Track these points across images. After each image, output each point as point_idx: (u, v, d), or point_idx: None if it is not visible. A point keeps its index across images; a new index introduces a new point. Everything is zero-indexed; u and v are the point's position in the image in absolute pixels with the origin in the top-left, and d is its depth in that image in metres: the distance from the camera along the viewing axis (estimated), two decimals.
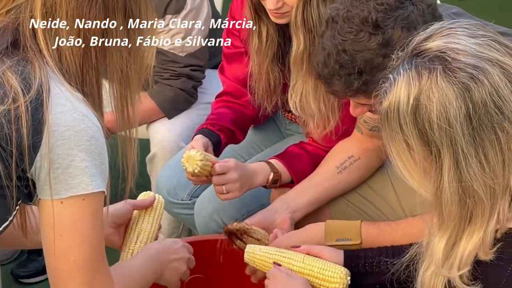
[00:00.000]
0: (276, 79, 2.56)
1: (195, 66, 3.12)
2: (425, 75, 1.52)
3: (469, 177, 1.50)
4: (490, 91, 1.49)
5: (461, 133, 1.49)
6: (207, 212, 2.69)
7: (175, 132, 3.10)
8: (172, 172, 2.84)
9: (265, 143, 2.88)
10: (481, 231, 1.53)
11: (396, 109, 1.54)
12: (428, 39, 1.57)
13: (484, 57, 1.52)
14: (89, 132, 1.64)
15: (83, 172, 1.63)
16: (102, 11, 1.70)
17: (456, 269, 1.55)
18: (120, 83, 1.75)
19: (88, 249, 1.66)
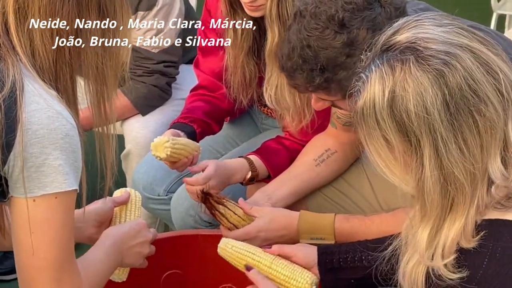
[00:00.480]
0: (251, 72, 2.56)
1: (169, 62, 3.11)
2: (398, 67, 1.52)
3: (449, 164, 1.51)
4: (464, 75, 1.50)
5: (439, 119, 1.49)
6: (184, 207, 2.68)
7: (149, 129, 3.09)
8: (148, 167, 2.83)
9: (241, 138, 2.88)
10: (462, 218, 1.53)
11: (372, 105, 1.54)
12: (396, 33, 1.57)
13: (454, 43, 1.53)
14: (64, 130, 1.63)
15: (56, 170, 1.62)
16: (75, 8, 1.68)
17: (440, 258, 1.55)
18: (96, 80, 1.74)
19: (58, 247, 1.66)
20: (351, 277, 2.02)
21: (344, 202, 2.47)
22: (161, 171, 2.80)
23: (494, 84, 1.51)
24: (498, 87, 1.52)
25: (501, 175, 1.52)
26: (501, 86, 1.52)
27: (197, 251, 2.37)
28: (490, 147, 1.52)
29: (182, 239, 2.37)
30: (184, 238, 2.39)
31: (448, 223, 1.55)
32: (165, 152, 2.34)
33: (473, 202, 1.53)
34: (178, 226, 2.71)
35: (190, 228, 2.65)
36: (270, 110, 2.74)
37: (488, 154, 1.52)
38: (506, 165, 1.53)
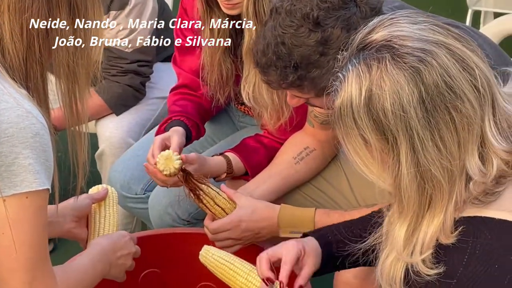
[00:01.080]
0: (228, 70, 2.55)
1: (143, 61, 3.09)
2: (375, 65, 1.52)
3: (426, 161, 1.51)
4: (440, 72, 1.50)
5: (415, 117, 1.49)
6: (161, 205, 2.67)
7: (123, 129, 3.07)
8: (125, 166, 2.82)
9: (219, 136, 2.87)
10: (441, 215, 1.54)
11: (349, 104, 1.54)
12: (372, 32, 1.57)
13: (429, 40, 1.53)
14: (33, 129, 1.61)
15: (27, 169, 1.61)
16: (45, 6, 1.67)
17: (418, 254, 1.56)
18: (67, 78, 1.73)
19: (30, 247, 1.64)
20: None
21: (322, 199, 2.48)
22: (138, 170, 2.79)
23: (470, 80, 1.52)
24: (474, 83, 1.52)
25: (479, 171, 1.53)
26: (477, 82, 1.52)
27: (175, 249, 2.36)
28: (467, 144, 1.52)
29: (160, 238, 2.37)
30: (162, 236, 2.38)
31: (427, 220, 1.55)
32: (167, 169, 2.29)
33: (451, 198, 1.53)
34: (156, 225, 2.70)
35: (168, 226, 2.65)
36: (247, 108, 2.74)
37: (465, 150, 1.52)
38: (483, 160, 1.54)
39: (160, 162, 2.31)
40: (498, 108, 1.55)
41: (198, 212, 2.68)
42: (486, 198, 1.55)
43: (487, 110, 1.53)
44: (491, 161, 1.53)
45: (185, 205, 2.66)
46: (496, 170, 1.53)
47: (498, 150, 1.53)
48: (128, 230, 3.13)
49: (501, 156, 1.53)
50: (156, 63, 3.24)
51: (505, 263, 1.51)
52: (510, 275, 1.50)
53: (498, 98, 1.56)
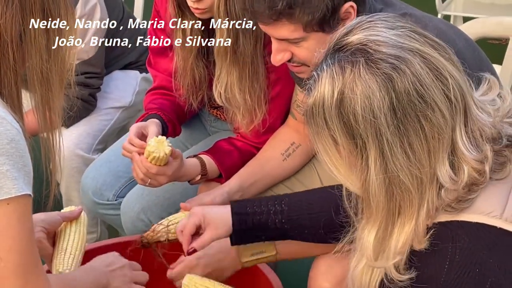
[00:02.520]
0: (201, 74, 2.55)
1: (91, 73, 3.06)
2: (348, 68, 1.52)
3: (395, 168, 1.51)
4: (412, 80, 1.50)
5: (385, 123, 1.50)
6: (134, 212, 2.66)
7: (72, 141, 3.04)
8: (97, 172, 2.80)
9: (191, 141, 2.87)
10: (411, 221, 1.54)
11: (321, 104, 1.54)
12: (349, 34, 1.57)
13: (405, 47, 1.53)
14: (9, 135, 1.60)
15: (4, 176, 1.59)
16: (19, 12, 1.66)
17: (389, 260, 1.56)
18: (41, 84, 1.72)
19: (18, 253, 1.63)
20: (260, 235, 2.05)
21: None
22: (110, 176, 2.78)
23: (443, 90, 1.52)
24: (446, 93, 1.52)
25: (450, 179, 1.53)
26: (450, 92, 1.52)
27: (148, 255, 2.34)
28: (437, 152, 1.52)
29: (132, 244, 2.35)
30: (134, 243, 2.36)
31: (398, 226, 1.55)
32: (165, 150, 2.30)
33: (423, 205, 1.54)
34: (128, 231, 2.69)
35: (140, 232, 2.60)
36: (220, 112, 2.73)
37: (435, 158, 1.52)
38: (454, 168, 1.54)
39: (151, 144, 2.31)
40: (471, 117, 1.55)
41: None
42: (459, 205, 1.56)
43: (459, 119, 1.54)
44: (462, 170, 1.54)
45: (157, 210, 2.66)
46: (467, 178, 1.54)
47: (469, 159, 1.54)
48: (93, 238, 3.11)
49: (472, 165, 1.54)
50: (114, 71, 3.22)
51: (486, 266, 1.51)
52: (492, 278, 1.51)
53: (472, 107, 1.56)
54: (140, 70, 3.25)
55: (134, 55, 3.24)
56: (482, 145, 1.55)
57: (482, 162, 1.54)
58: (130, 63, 3.26)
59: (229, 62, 2.40)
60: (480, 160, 1.54)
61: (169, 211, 2.65)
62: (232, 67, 2.41)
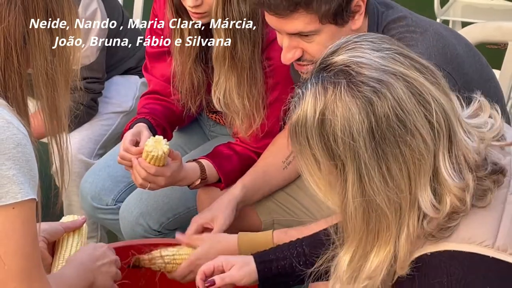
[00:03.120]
0: (199, 79, 2.55)
1: (92, 78, 3.05)
2: (330, 89, 1.51)
3: (372, 192, 1.49)
4: (393, 104, 1.48)
5: (364, 147, 1.48)
6: (133, 216, 2.66)
7: (74, 146, 3.02)
8: (96, 177, 2.80)
9: (190, 146, 2.87)
10: (388, 246, 1.52)
11: (304, 123, 1.53)
12: (335, 53, 1.56)
13: (388, 70, 1.51)
14: (15, 139, 1.60)
15: (11, 180, 1.59)
16: (22, 14, 1.66)
17: (360, 284, 1.54)
18: (47, 86, 1.72)
19: (22, 257, 1.62)
20: (290, 280, 2.02)
21: (295, 207, 2.48)
22: (109, 181, 2.78)
23: (425, 115, 1.50)
24: (429, 118, 1.50)
25: (431, 205, 1.51)
26: (432, 117, 1.50)
27: None
28: (418, 178, 1.50)
29: (131, 249, 2.34)
30: (133, 247, 2.36)
31: (374, 251, 1.53)
32: (163, 149, 2.30)
33: (402, 230, 1.51)
34: (127, 236, 2.68)
35: (139, 237, 2.63)
36: (219, 116, 2.74)
37: (416, 184, 1.50)
38: (436, 195, 1.52)
39: (149, 144, 2.32)
40: (455, 142, 1.53)
41: (170, 223, 2.67)
42: (440, 233, 1.53)
43: (442, 145, 1.51)
44: (444, 197, 1.52)
45: (156, 215, 2.66)
46: (449, 206, 1.51)
47: (452, 187, 1.51)
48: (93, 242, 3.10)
49: (455, 192, 1.51)
50: (114, 76, 3.22)
51: None
52: None
53: (457, 132, 1.54)
54: (140, 75, 3.25)
55: (134, 61, 3.25)
56: (465, 173, 1.53)
57: (464, 191, 1.52)
58: (130, 69, 3.26)
59: (227, 67, 2.41)
60: (462, 188, 1.52)
61: (168, 216, 2.65)
62: (230, 73, 2.42)
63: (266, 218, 2.52)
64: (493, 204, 1.56)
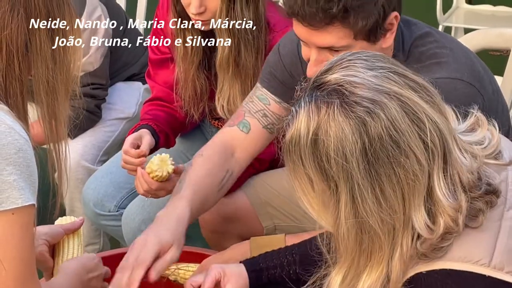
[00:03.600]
0: (202, 86, 2.56)
1: (96, 84, 3.06)
2: (323, 109, 1.49)
3: (365, 213, 1.48)
4: (386, 125, 1.47)
5: (357, 168, 1.47)
6: (135, 223, 2.66)
7: (78, 152, 3.04)
8: (98, 183, 2.80)
9: (192, 152, 2.85)
10: (381, 266, 1.51)
11: (297, 142, 1.51)
12: (328, 71, 1.54)
13: (382, 90, 1.49)
14: (17, 144, 1.60)
15: (11, 186, 1.59)
16: (24, 21, 1.67)
17: None
18: (47, 94, 1.72)
19: (20, 263, 1.63)
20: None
21: (296, 212, 2.47)
22: (111, 187, 2.78)
23: (419, 134, 1.48)
24: (423, 138, 1.48)
25: (426, 226, 1.49)
26: (427, 137, 1.48)
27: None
28: (412, 198, 1.49)
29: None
30: None
31: (366, 271, 1.52)
32: (167, 170, 2.30)
33: (395, 250, 1.50)
34: (129, 242, 2.68)
35: None
36: (221, 123, 2.74)
37: (410, 204, 1.49)
38: (430, 215, 1.50)
39: (154, 162, 2.32)
40: (450, 161, 1.51)
41: None
42: (433, 253, 1.52)
43: (437, 164, 1.50)
44: (438, 217, 1.50)
45: None
46: (443, 228, 1.50)
47: (446, 207, 1.50)
48: (95, 249, 3.11)
49: (449, 213, 1.50)
50: (117, 82, 3.22)
51: None
52: None
53: (452, 151, 1.52)
54: (143, 82, 3.26)
55: (137, 67, 3.25)
56: (459, 194, 1.51)
57: (457, 211, 1.51)
58: (133, 75, 3.27)
59: (231, 74, 2.41)
60: (456, 208, 1.51)
61: None
62: (234, 80, 2.42)
63: (268, 224, 2.52)
64: (486, 225, 1.54)
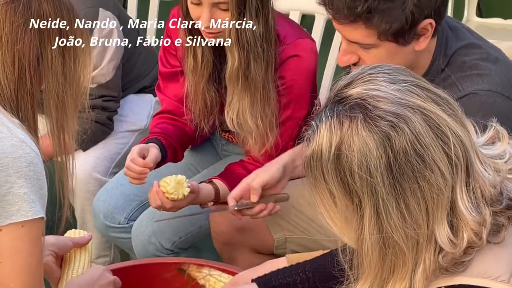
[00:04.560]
0: (212, 99, 2.56)
1: (108, 96, 3.06)
2: (346, 123, 1.48)
3: (389, 228, 1.47)
4: (411, 139, 1.45)
5: (381, 183, 1.45)
6: (145, 235, 2.66)
7: (90, 164, 3.04)
8: (109, 195, 2.81)
9: (202, 165, 2.87)
10: (404, 281, 1.50)
11: (319, 157, 1.50)
12: (350, 85, 1.53)
13: (405, 103, 1.48)
14: (28, 158, 1.62)
15: (22, 198, 1.61)
16: (37, 36, 1.69)
17: None
18: (57, 108, 1.74)
19: (28, 275, 1.64)
20: None
21: (307, 224, 2.47)
22: (121, 199, 2.79)
23: (443, 148, 1.47)
24: (447, 151, 1.47)
25: (448, 240, 1.48)
26: (450, 150, 1.47)
27: (159, 279, 2.34)
28: (436, 213, 1.48)
29: (143, 268, 2.35)
30: (145, 266, 2.36)
31: (390, 286, 1.51)
32: (182, 192, 2.33)
33: (418, 265, 1.49)
34: (139, 255, 2.69)
35: (151, 256, 2.64)
36: (231, 135, 2.74)
37: (433, 219, 1.48)
38: (453, 229, 1.49)
39: (170, 184, 2.34)
40: (473, 174, 1.50)
41: (182, 242, 2.68)
42: (455, 268, 1.51)
43: (460, 178, 1.49)
44: (461, 231, 1.49)
45: (169, 234, 2.66)
46: (466, 242, 1.49)
47: (470, 221, 1.49)
48: (106, 261, 3.11)
49: (472, 226, 1.49)
50: (129, 95, 3.23)
51: None
52: None
53: (474, 164, 1.51)
54: (155, 94, 3.26)
55: (148, 80, 3.26)
56: (483, 208, 1.50)
57: (481, 225, 1.49)
58: (145, 87, 3.27)
59: (240, 87, 2.42)
60: (479, 222, 1.49)
61: (180, 235, 2.66)
62: (244, 93, 2.42)
63: (279, 236, 2.52)
64: (507, 240, 1.53)
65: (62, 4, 1.73)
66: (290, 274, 2.01)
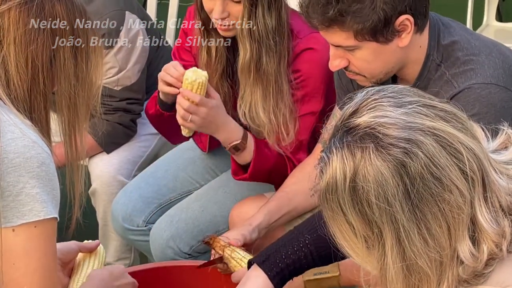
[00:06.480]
0: (226, 94, 2.56)
1: (132, 99, 3.07)
2: (358, 154, 1.46)
3: (413, 255, 1.45)
4: (426, 162, 1.43)
5: (401, 211, 1.43)
6: (163, 239, 2.66)
7: (113, 166, 3.05)
8: (127, 198, 2.81)
9: (221, 168, 2.87)
10: None
11: (334, 190, 1.48)
12: (356, 114, 1.50)
13: (415, 127, 1.46)
14: (40, 158, 1.63)
15: (34, 199, 1.62)
16: (50, 37, 1.69)
17: None
18: (69, 109, 1.75)
19: (42, 276, 1.64)
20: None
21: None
22: (140, 202, 2.79)
23: (458, 166, 1.45)
24: (462, 168, 1.45)
25: (471, 254, 1.47)
26: (465, 166, 1.45)
27: (176, 283, 2.35)
28: (457, 231, 1.46)
29: (161, 271, 2.35)
30: (163, 269, 2.37)
31: None
32: (202, 76, 2.37)
33: (442, 284, 1.48)
34: (157, 258, 2.69)
35: (169, 259, 2.64)
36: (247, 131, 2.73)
37: (455, 237, 1.46)
38: (475, 243, 1.47)
39: (189, 75, 2.38)
40: (489, 184, 1.49)
41: (200, 245, 2.67)
42: (475, 280, 1.49)
43: (477, 192, 1.47)
44: (482, 243, 1.47)
45: (187, 238, 2.66)
46: (487, 254, 1.47)
47: (490, 232, 1.47)
48: (126, 264, 3.11)
49: (493, 238, 1.47)
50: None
51: None
52: None
53: (490, 173, 1.49)
54: None
55: None
56: (501, 218, 1.48)
57: (501, 236, 1.48)
58: None
59: (252, 80, 2.41)
60: (499, 234, 1.48)
61: (198, 239, 2.65)
62: (255, 86, 2.42)
63: None
64: None
65: (75, 6, 1.74)
66: (293, 250, 2.02)
